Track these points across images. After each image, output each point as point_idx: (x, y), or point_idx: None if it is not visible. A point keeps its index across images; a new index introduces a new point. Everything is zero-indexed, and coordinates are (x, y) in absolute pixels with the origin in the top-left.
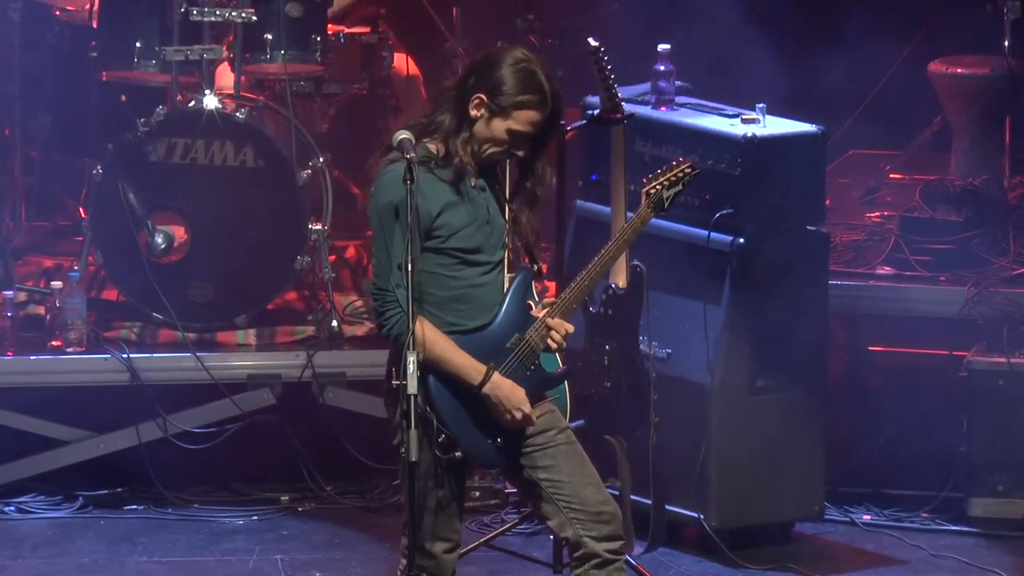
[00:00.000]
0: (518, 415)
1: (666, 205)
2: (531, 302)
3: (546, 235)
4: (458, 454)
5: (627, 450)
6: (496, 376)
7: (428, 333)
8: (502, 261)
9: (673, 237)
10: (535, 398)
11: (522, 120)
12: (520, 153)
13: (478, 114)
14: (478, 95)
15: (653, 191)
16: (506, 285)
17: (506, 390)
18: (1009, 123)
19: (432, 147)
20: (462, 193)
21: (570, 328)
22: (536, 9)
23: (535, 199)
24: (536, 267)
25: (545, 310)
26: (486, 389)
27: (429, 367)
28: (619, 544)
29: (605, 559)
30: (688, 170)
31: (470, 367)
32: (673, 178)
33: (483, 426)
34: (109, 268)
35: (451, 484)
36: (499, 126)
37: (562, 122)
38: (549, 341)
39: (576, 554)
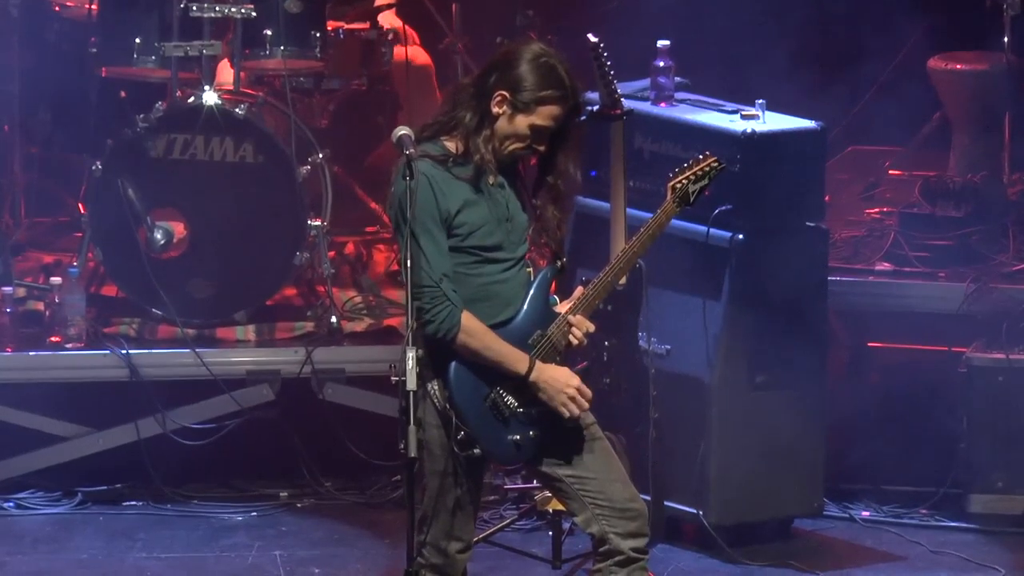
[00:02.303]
0: (571, 391)
1: (692, 200)
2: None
3: None
4: (477, 451)
5: (626, 446)
6: (538, 362)
7: (474, 324)
8: (524, 256)
9: (672, 233)
10: None
11: (545, 115)
12: (541, 148)
13: (500, 111)
14: (500, 92)
15: (679, 185)
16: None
17: (551, 371)
18: (1008, 119)
19: (450, 145)
20: (481, 191)
21: (591, 327)
22: (536, 5)
23: (559, 194)
24: (559, 263)
25: (567, 306)
26: (532, 376)
27: (472, 357)
28: (644, 542)
29: (629, 557)
30: (715, 164)
31: (516, 357)
32: (699, 172)
33: (503, 423)
34: (108, 264)
35: (469, 484)
36: (521, 122)
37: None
38: (571, 338)
39: (601, 549)
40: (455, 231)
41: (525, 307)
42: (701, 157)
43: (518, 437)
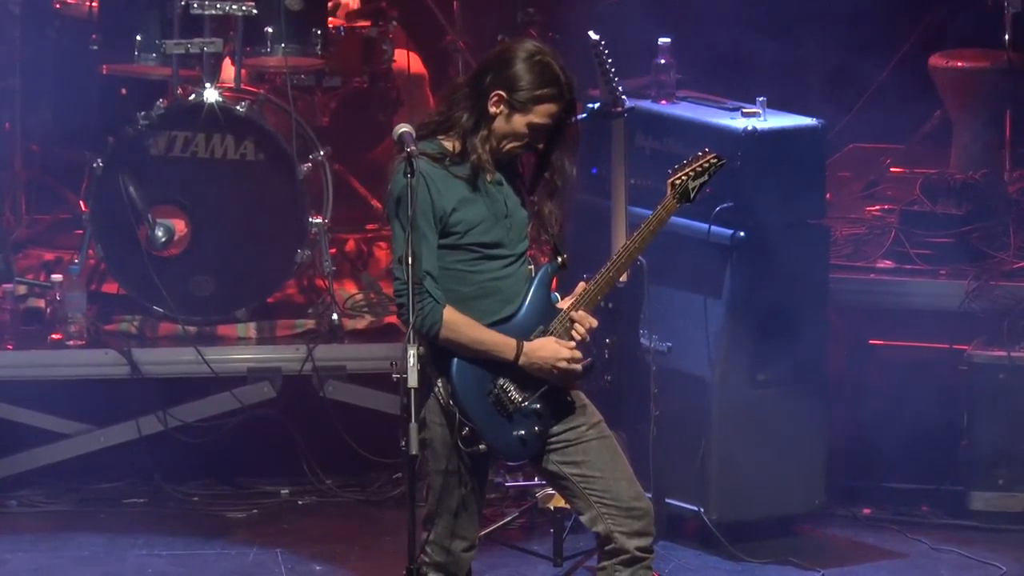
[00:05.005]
0: (563, 364)
1: (692, 196)
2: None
3: None
4: (482, 447)
5: (627, 444)
6: (525, 344)
7: (456, 317)
8: (525, 252)
9: (674, 231)
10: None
11: (542, 113)
12: (540, 147)
13: (497, 111)
14: (497, 92)
15: (679, 182)
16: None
17: (538, 349)
18: (1009, 117)
19: (447, 144)
20: (478, 189)
21: (593, 322)
22: (537, 3)
23: (555, 190)
24: (560, 259)
25: (569, 302)
26: (522, 361)
27: (460, 351)
28: (649, 540)
29: (634, 556)
30: (714, 160)
31: (503, 344)
32: (699, 168)
33: (507, 418)
34: (109, 261)
35: (473, 482)
36: (519, 121)
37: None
38: (573, 333)
39: (606, 548)
40: (453, 229)
41: (527, 303)
42: (701, 153)
43: (523, 432)
